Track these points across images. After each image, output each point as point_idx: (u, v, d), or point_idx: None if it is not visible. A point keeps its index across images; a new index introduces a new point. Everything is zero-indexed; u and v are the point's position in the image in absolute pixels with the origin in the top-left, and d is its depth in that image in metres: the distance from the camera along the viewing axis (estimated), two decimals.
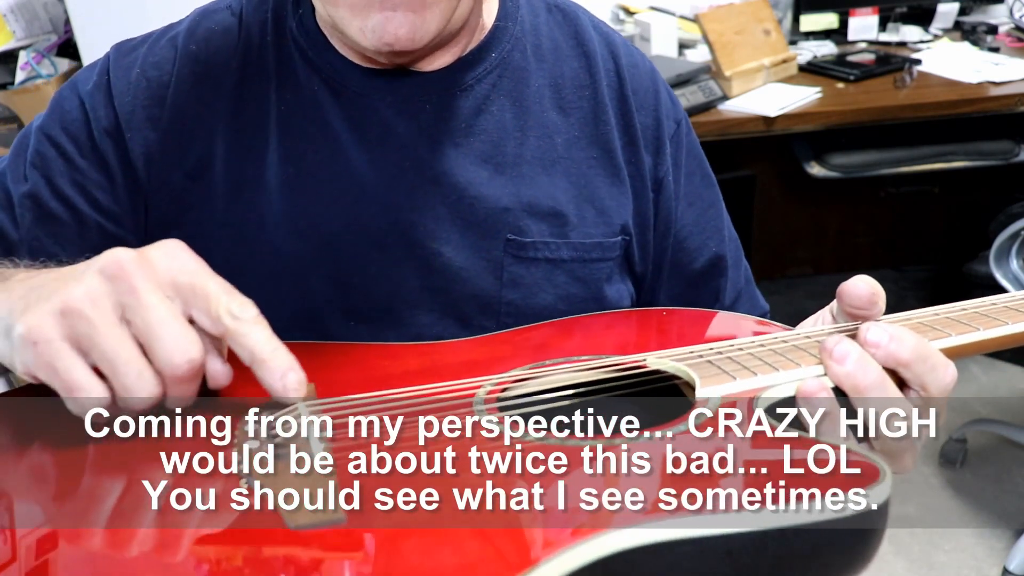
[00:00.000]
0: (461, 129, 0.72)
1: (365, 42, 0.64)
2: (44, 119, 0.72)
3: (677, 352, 0.59)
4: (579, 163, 0.75)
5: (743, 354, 0.57)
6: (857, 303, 0.58)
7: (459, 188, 0.71)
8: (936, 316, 0.60)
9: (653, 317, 0.70)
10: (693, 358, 0.57)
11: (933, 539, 1.98)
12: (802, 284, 2.97)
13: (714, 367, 0.56)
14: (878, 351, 0.53)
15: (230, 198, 0.71)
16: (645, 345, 0.63)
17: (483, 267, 0.72)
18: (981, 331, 0.58)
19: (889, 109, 2.02)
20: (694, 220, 0.82)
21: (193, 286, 0.49)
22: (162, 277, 0.48)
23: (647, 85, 0.79)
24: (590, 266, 0.75)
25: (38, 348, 0.46)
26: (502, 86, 0.74)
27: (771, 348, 0.58)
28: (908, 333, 0.54)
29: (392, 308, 0.72)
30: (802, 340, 0.58)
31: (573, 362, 0.60)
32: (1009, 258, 1.86)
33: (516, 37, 0.75)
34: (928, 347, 0.54)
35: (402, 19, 0.62)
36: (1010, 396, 2.45)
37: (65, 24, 2.02)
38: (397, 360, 0.62)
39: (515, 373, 0.59)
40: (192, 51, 0.72)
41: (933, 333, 0.57)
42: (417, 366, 0.61)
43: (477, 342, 0.66)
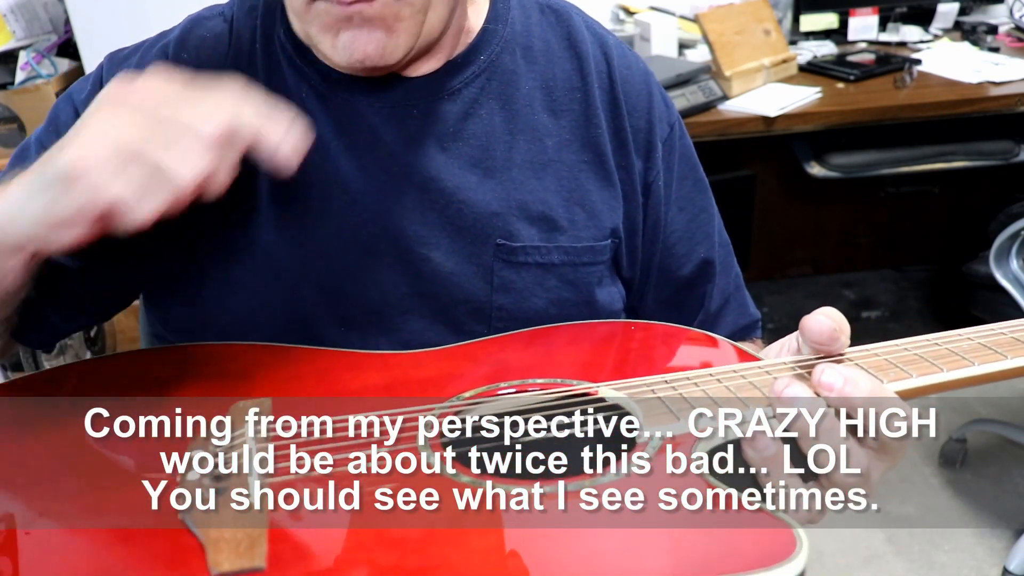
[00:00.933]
0: (449, 134, 0.72)
1: (337, 58, 0.64)
2: (41, 132, 0.72)
3: (629, 384, 0.59)
4: (570, 166, 0.74)
5: (695, 391, 0.57)
6: (818, 338, 0.58)
7: (447, 193, 0.71)
8: (905, 352, 0.59)
9: (619, 334, 0.70)
10: (643, 390, 0.57)
11: (933, 539, 1.98)
12: (802, 284, 2.96)
13: (661, 404, 0.56)
14: (831, 393, 0.52)
15: (221, 208, 0.70)
16: (605, 365, 0.63)
17: (473, 272, 0.72)
18: (944, 372, 0.56)
19: (889, 109, 2.02)
20: (684, 226, 0.81)
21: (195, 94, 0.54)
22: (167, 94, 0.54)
23: (640, 88, 0.78)
24: (581, 270, 0.75)
25: (82, 180, 0.50)
26: (491, 89, 0.73)
27: (726, 384, 0.57)
28: (863, 376, 0.53)
29: (383, 314, 0.72)
30: (756, 375, 0.58)
31: (528, 386, 0.60)
32: (1009, 258, 1.86)
33: (505, 40, 0.74)
34: (883, 391, 0.53)
35: (369, 37, 0.63)
36: (1010, 396, 2.45)
37: (65, 24, 2.02)
38: (358, 372, 0.62)
39: (467, 396, 0.59)
40: (184, 59, 0.72)
41: (895, 372, 0.56)
42: (377, 381, 0.61)
43: (440, 354, 0.66)
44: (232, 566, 0.44)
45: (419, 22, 0.65)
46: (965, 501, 2.09)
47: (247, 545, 0.45)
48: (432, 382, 0.61)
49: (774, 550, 0.44)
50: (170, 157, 0.50)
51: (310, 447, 0.53)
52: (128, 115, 0.52)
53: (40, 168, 0.52)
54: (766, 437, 0.51)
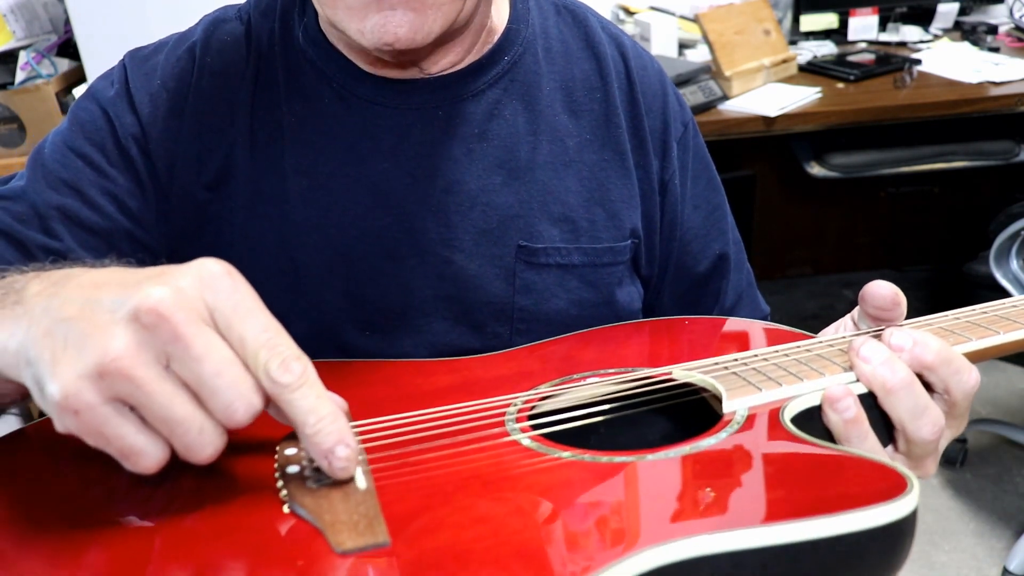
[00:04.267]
0: (474, 135, 0.71)
1: (364, 42, 0.63)
2: (64, 134, 0.71)
3: (702, 364, 0.59)
4: (591, 166, 0.75)
5: (767, 364, 0.58)
6: (880, 303, 0.59)
7: (471, 195, 0.71)
8: (957, 320, 0.61)
9: (676, 327, 0.70)
10: (718, 370, 0.58)
11: (933, 539, 1.98)
12: (802, 284, 2.97)
13: (739, 379, 0.56)
14: (903, 355, 0.53)
15: (248, 211, 0.71)
16: (670, 356, 0.63)
17: (495, 273, 0.72)
18: (1001, 335, 0.58)
19: (889, 109, 2.02)
20: (699, 223, 0.82)
21: (230, 330, 0.43)
22: (203, 314, 0.43)
23: (655, 88, 0.79)
24: (601, 271, 0.75)
25: (81, 416, 0.41)
26: (514, 90, 0.73)
27: (794, 358, 0.58)
28: (932, 337, 0.54)
29: (406, 316, 0.72)
30: (824, 348, 0.59)
31: (600, 375, 0.60)
32: (1009, 258, 1.86)
33: (528, 40, 0.74)
34: (951, 351, 0.54)
35: (402, 18, 0.61)
36: (1010, 396, 2.45)
37: (65, 24, 2.02)
38: (427, 377, 0.62)
39: (543, 389, 0.59)
40: (208, 63, 0.72)
41: (954, 338, 0.58)
42: (447, 383, 0.61)
43: (504, 357, 0.66)
44: (356, 543, 0.43)
45: (456, 8, 0.64)
46: (965, 501, 2.09)
47: (365, 524, 0.44)
48: (504, 380, 0.61)
49: (887, 488, 0.44)
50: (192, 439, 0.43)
51: (399, 432, 0.53)
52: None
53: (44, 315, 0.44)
54: (848, 397, 0.51)
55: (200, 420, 0.42)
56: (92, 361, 0.41)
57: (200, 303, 0.43)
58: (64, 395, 0.41)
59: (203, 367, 0.42)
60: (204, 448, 0.43)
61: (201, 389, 0.42)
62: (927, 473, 0.55)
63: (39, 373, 0.42)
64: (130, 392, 0.41)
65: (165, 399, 0.42)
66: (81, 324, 0.42)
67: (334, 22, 0.65)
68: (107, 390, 0.41)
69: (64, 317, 0.43)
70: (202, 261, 0.45)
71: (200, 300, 0.43)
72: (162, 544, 0.44)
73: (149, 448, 0.43)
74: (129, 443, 0.42)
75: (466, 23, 0.68)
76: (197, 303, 0.43)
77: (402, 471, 0.49)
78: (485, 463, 0.50)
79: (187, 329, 0.42)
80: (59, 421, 0.42)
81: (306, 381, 0.44)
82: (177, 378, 0.42)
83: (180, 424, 0.42)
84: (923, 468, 0.55)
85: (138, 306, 0.42)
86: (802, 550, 0.43)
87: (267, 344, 0.43)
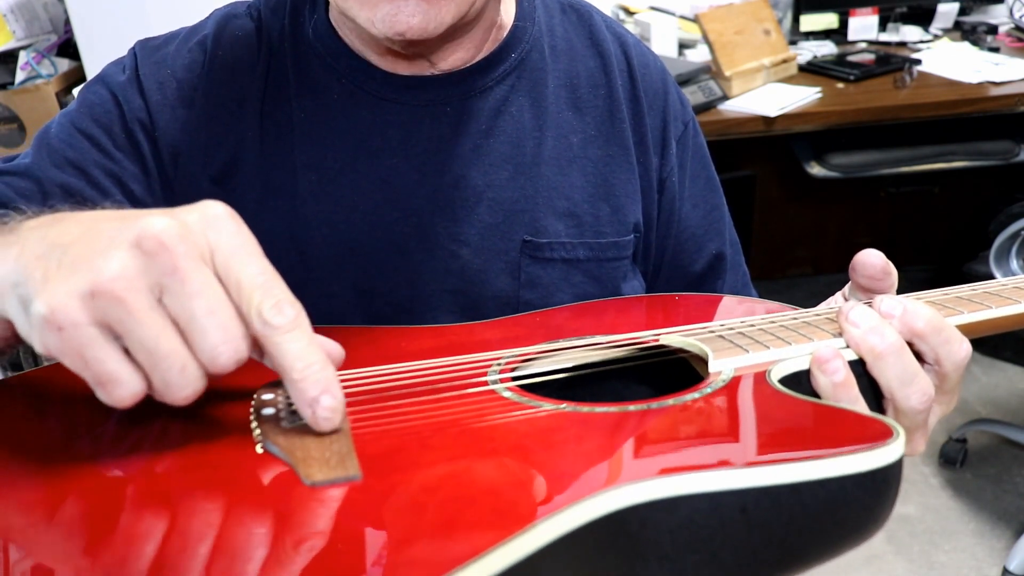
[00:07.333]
0: (481, 131, 0.72)
1: (375, 31, 0.63)
2: (72, 114, 0.71)
3: (689, 328, 0.59)
4: (595, 162, 0.75)
5: (755, 330, 0.57)
6: (870, 272, 0.59)
7: (478, 190, 0.72)
8: (946, 296, 0.61)
9: (666, 301, 0.71)
10: (704, 334, 0.57)
11: (933, 539, 1.98)
12: (802, 284, 2.97)
13: (726, 341, 0.55)
14: (893, 321, 0.53)
15: (257, 205, 0.71)
16: (658, 325, 0.62)
17: (501, 268, 0.73)
18: (993, 309, 0.57)
19: (889, 109, 2.02)
20: (697, 222, 0.82)
21: (228, 270, 0.43)
22: (204, 252, 0.42)
23: (657, 86, 0.79)
24: (605, 265, 0.76)
25: (64, 333, 0.40)
26: (520, 87, 0.74)
27: (782, 324, 0.58)
28: (922, 305, 0.53)
29: (414, 309, 0.72)
30: (813, 317, 0.59)
31: (586, 340, 0.60)
32: (1009, 258, 1.86)
33: (535, 37, 0.75)
34: (942, 320, 0.53)
35: (415, 8, 0.61)
36: (1010, 396, 2.45)
37: (65, 24, 2.02)
38: (412, 340, 0.62)
39: (529, 350, 0.59)
40: (219, 56, 0.72)
41: (945, 311, 0.57)
42: (432, 345, 0.61)
43: (491, 324, 0.66)
44: (326, 476, 0.42)
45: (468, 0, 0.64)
46: (965, 501, 2.09)
47: (337, 460, 0.44)
48: (490, 343, 0.61)
49: (873, 435, 0.43)
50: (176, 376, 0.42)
51: (380, 383, 0.53)
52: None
53: (46, 249, 0.43)
54: (837, 359, 0.50)
55: (184, 357, 0.41)
56: (86, 280, 0.40)
57: (203, 240, 0.42)
58: (51, 309, 0.40)
59: (196, 303, 0.41)
60: (182, 388, 0.42)
61: (191, 326, 0.41)
62: (915, 450, 0.54)
63: (26, 292, 0.41)
64: (119, 318, 0.40)
65: (153, 330, 0.41)
66: (79, 247, 0.41)
67: (344, 10, 0.65)
68: (96, 311, 0.40)
69: (61, 243, 0.42)
70: (208, 202, 0.44)
71: (203, 236, 0.43)
72: (135, 488, 0.44)
73: (126, 378, 0.41)
74: (108, 369, 0.41)
75: (476, 17, 0.69)
76: (200, 239, 0.42)
77: (379, 416, 0.49)
78: (464, 412, 0.49)
79: (186, 263, 0.41)
80: (39, 339, 0.41)
81: (298, 326, 0.43)
82: (167, 313, 0.41)
83: (164, 358, 0.41)
84: (912, 443, 0.54)
85: (141, 232, 0.41)
86: (783, 493, 0.42)
87: (263, 286, 0.43)
